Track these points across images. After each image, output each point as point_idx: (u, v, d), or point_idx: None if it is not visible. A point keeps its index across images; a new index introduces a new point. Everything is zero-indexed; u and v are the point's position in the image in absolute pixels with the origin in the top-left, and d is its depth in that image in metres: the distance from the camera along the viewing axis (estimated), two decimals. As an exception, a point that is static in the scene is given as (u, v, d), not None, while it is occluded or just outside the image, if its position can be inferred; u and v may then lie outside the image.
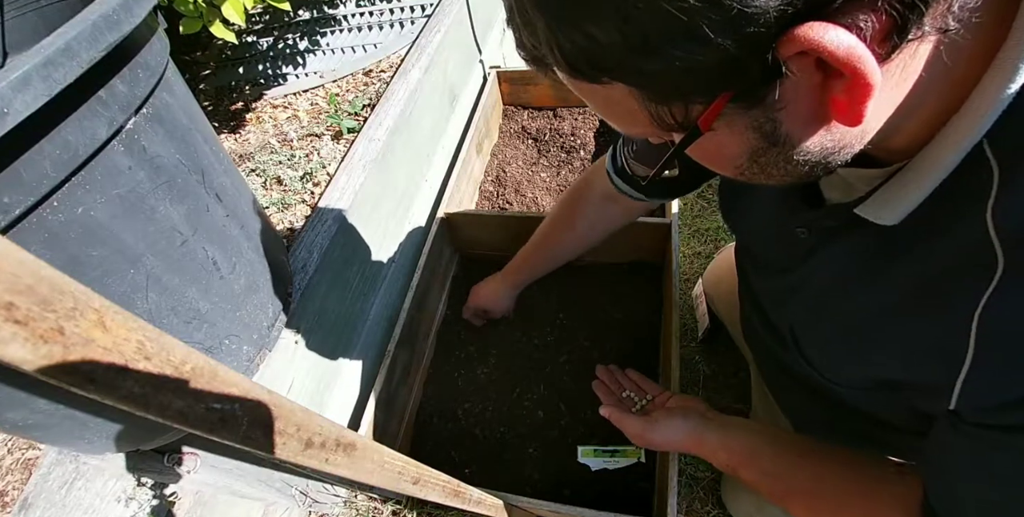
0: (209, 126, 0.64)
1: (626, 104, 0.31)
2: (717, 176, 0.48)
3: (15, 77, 0.35)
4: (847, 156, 0.32)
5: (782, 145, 0.30)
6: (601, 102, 0.33)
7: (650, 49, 0.25)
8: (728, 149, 0.32)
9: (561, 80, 0.33)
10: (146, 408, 0.16)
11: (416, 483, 0.43)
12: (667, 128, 0.31)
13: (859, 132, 0.30)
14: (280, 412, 0.24)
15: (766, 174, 0.34)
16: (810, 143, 0.30)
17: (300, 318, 0.81)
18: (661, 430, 0.65)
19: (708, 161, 0.36)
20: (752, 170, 0.34)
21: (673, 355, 0.86)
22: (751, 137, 0.30)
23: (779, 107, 0.28)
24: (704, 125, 0.29)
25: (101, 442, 0.61)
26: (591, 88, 0.31)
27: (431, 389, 1.05)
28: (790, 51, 0.24)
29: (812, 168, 0.32)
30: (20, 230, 0.40)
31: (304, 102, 1.31)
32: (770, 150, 0.31)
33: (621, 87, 0.29)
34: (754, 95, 0.27)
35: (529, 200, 1.31)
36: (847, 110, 0.27)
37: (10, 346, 0.12)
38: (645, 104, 0.30)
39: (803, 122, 0.29)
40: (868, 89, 0.25)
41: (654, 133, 0.33)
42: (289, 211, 1.04)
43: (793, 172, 0.33)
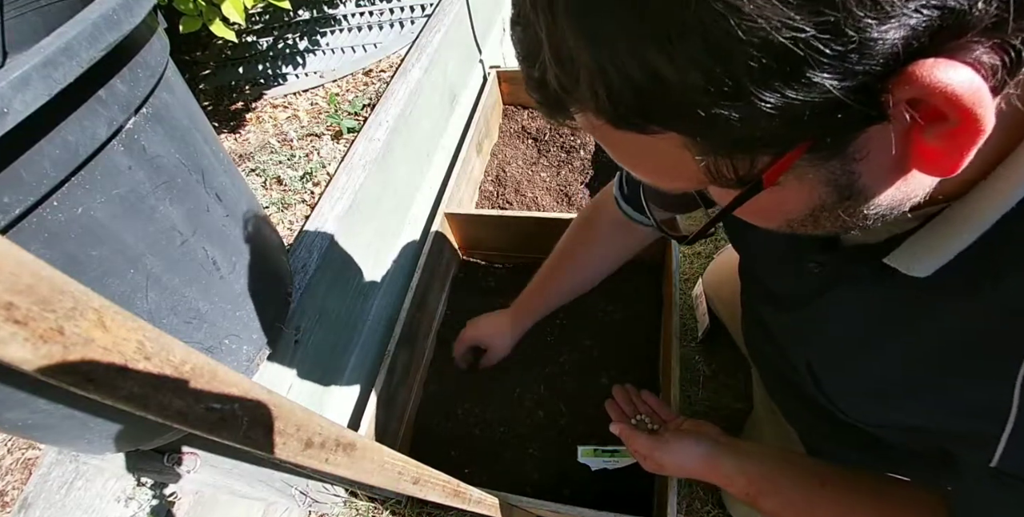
0: (209, 126, 0.64)
1: (673, 156, 0.26)
2: None
3: (15, 77, 0.35)
4: (908, 207, 0.28)
5: (854, 199, 0.26)
6: (637, 153, 0.28)
7: (739, 93, 0.21)
8: (789, 205, 0.28)
9: (577, 127, 0.29)
10: (146, 408, 0.16)
11: (416, 483, 0.43)
12: (721, 183, 0.26)
13: (931, 181, 0.26)
14: (280, 412, 0.24)
15: (814, 226, 0.30)
16: (884, 196, 0.26)
17: (300, 318, 0.81)
18: (672, 452, 0.62)
19: (756, 216, 0.31)
20: (804, 224, 0.30)
21: (673, 355, 0.86)
22: (822, 192, 0.26)
23: (860, 157, 0.24)
24: (770, 180, 0.25)
25: (101, 442, 0.61)
26: (631, 138, 0.26)
27: (431, 389, 1.05)
28: (905, 94, 0.20)
29: (873, 220, 0.28)
30: (20, 230, 0.40)
31: (304, 102, 1.31)
32: (838, 206, 0.27)
33: (674, 137, 0.24)
34: (836, 145, 0.23)
35: (529, 200, 1.31)
36: (942, 159, 0.23)
37: (10, 346, 0.12)
38: (701, 156, 0.25)
39: (882, 173, 0.25)
40: (978, 135, 0.21)
41: (696, 187, 0.29)
42: (289, 211, 1.04)
43: (847, 225, 0.29)
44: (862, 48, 0.19)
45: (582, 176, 1.34)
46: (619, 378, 0.99)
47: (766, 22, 0.19)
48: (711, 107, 0.22)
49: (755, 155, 0.24)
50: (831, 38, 0.19)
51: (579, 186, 1.32)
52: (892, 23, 0.18)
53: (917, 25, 0.19)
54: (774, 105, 0.21)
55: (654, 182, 0.30)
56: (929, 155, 0.23)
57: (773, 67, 0.20)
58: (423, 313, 1.05)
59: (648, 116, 0.24)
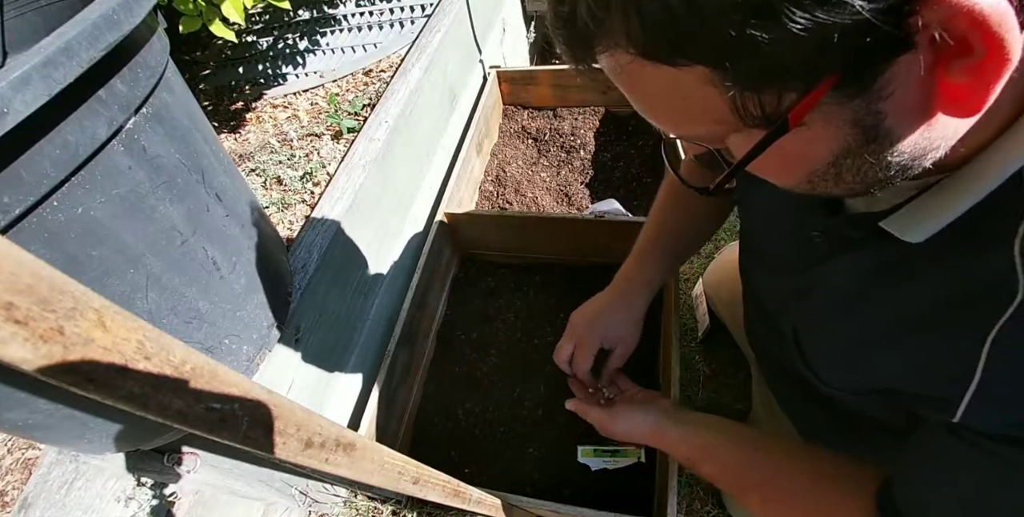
0: (209, 126, 0.64)
1: (699, 94, 0.25)
2: None
3: (15, 77, 0.35)
4: (929, 162, 0.28)
5: (879, 142, 0.26)
6: (662, 93, 0.28)
7: (771, 11, 0.21)
8: (814, 149, 0.27)
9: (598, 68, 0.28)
10: (146, 408, 0.16)
11: (416, 483, 0.43)
12: (748, 121, 0.26)
13: (954, 131, 0.26)
14: (280, 412, 0.24)
15: (838, 180, 0.29)
16: (907, 141, 0.26)
17: (300, 318, 0.81)
18: (622, 421, 0.66)
19: (779, 167, 0.31)
20: (825, 177, 0.29)
21: (673, 355, 0.86)
22: (847, 133, 0.26)
23: (886, 95, 0.23)
24: (796, 118, 0.25)
25: (101, 442, 0.61)
26: (656, 72, 0.25)
27: (431, 389, 1.05)
28: (933, 15, 0.20)
29: (894, 173, 0.28)
30: (20, 230, 0.40)
31: (304, 102, 1.31)
32: (862, 150, 0.26)
33: (701, 71, 0.24)
34: (863, 79, 0.23)
35: (529, 200, 1.31)
36: (967, 96, 0.22)
37: (10, 346, 0.12)
38: (728, 92, 0.25)
39: (907, 114, 0.24)
40: (1004, 65, 0.21)
41: (719, 131, 0.29)
42: (289, 211, 1.04)
43: (868, 180, 0.29)
44: None
45: (582, 176, 1.34)
46: (619, 378, 0.99)
47: None
48: (743, 27, 0.21)
49: (783, 90, 0.24)
50: None
51: (579, 186, 1.32)
52: None
53: None
54: (804, 27, 0.20)
55: (676, 128, 0.30)
56: (955, 93, 0.23)
57: None
58: (423, 313, 1.05)
59: (680, 44, 0.23)
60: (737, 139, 0.29)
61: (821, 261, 0.43)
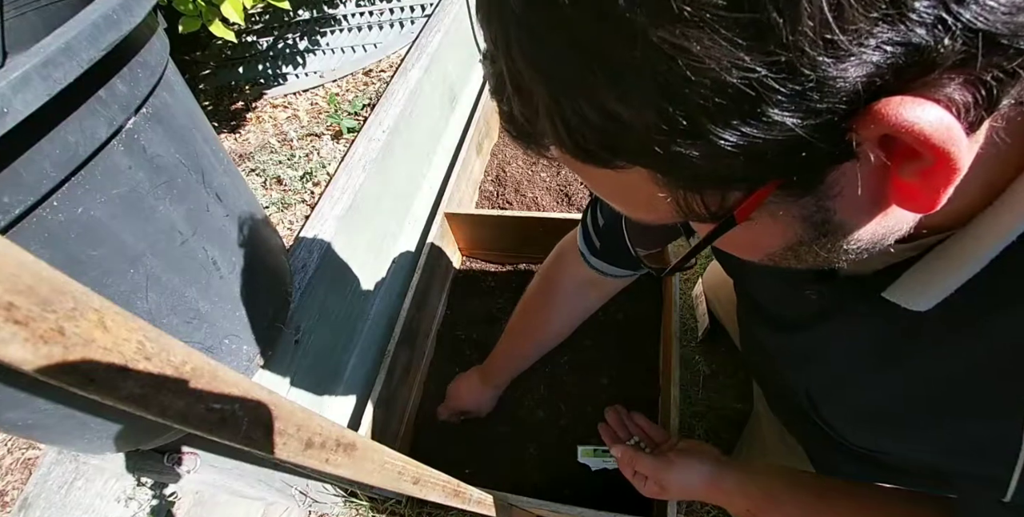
0: (209, 126, 0.64)
1: (644, 190, 0.25)
2: None
3: (15, 77, 0.35)
4: (893, 240, 0.27)
5: (831, 235, 0.26)
6: (609, 187, 0.28)
7: (695, 132, 0.20)
8: (765, 240, 0.27)
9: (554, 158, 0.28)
10: (146, 408, 0.16)
11: (416, 483, 0.43)
12: (694, 218, 0.26)
13: (915, 216, 0.26)
14: (280, 412, 0.24)
15: (799, 260, 0.29)
16: (863, 231, 0.26)
17: (300, 318, 0.81)
18: (677, 470, 0.62)
19: (736, 249, 0.31)
20: (785, 257, 0.29)
21: (673, 355, 0.86)
22: (796, 228, 0.26)
23: (833, 193, 0.23)
24: (741, 216, 0.25)
25: (101, 442, 0.61)
26: (599, 172, 0.26)
27: (431, 388, 1.05)
28: (871, 133, 0.20)
29: (856, 254, 0.28)
30: (20, 230, 0.40)
31: (304, 102, 1.31)
32: (817, 240, 0.26)
33: (641, 172, 0.24)
34: (807, 182, 0.23)
35: (529, 200, 1.31)
36: (919, 196, 0.22)
37: (10, 346, 0.12)
38: (670, 191, 0.25)
39: (859, 209, 0.24)
40: (954, 173, 0.21)
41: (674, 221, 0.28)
42: (289, 211, 1.04)
43: (831, 260, 0.28)
44: (821, 86, 0.18)
45: (582, 176, 1.34)
46: (619, 378, 0.99)
47: (715, 63, 0.18)
48: (669, 145, 0.21)
49: (725, 191, 0.24)
50: (786, 77, 0.18)
51: (579, 186, 1.32)
52: (851, 61, 0.18)
53: (880, 62, 0.18)
54: (734, 143, 0.20)
55: (633, 215, 0.30)
56: (906, 191, 0.23)
57: (729, 106, 0.19)
58: (423, 313, 1.05)
59: (612, 150, 0.23)
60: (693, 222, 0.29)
61: (822, 319, 0.41)
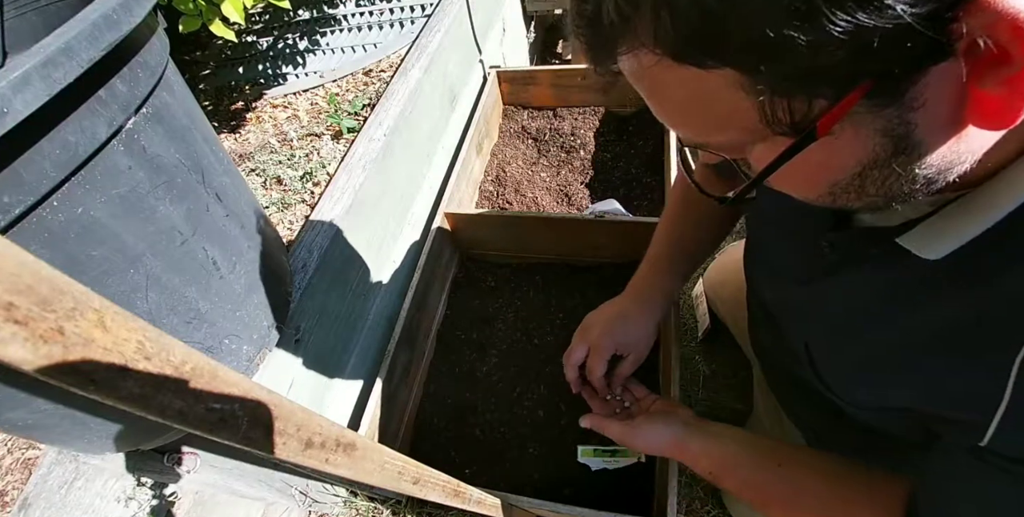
0: (209, 126, 0.64)
1: (725, 99, 0.25)
2: None
3: (15, 77, 0.35)
4: (954, 176, 0.27)
5: (908, 154, 0.25)
6: (687, 97, 0.27)
7: (812, 12, 0.20)
8: (840, 160, 0.27)
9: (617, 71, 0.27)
10: (146, 408, 0.16)
11: (416, 483, 0.43)
12: (775, 128, 0.25)
13: (981, 144, 0.26)
14: (280, 412, 0.24)
15: (861, 193, 0.28)
16: (936, 154, 0.25)
17: (300, 318, 0.81)
18: (643, 435, 0.64)
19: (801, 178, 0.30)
20: (848, 190, 0.28)
21: (673, 355, 0.86)
22: (876, 144, 0.25)
23: (918, 105, 0.23)
24: (825, 127, 0.24)
25: (101, 442, 0.61)
26: (681, 78, 0.25)
27: (431, 389, 1.05)
28: (975, 21, 0.19)
29: (919, 186, 0.27)
30: (20, 230, 0.40)
31: (304, 102, 1.31)
32: (891, 161, 0.26)
33: (730, 74, 0.23)
34: (895, 88, 0.22)
35: (529, 200, 1.31)
36: (1002, 108, 0.22)
37: (10, 346, 0.12)
38: (758, 97, 0.24)
39: (939, 125, 0.24)
40: None
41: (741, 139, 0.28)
42: (289, 211, 1.04)
43: (895, 191, 0.28)
44: None
45: (582, 176, 1.34)
46: (619, 378, 0.99)
47: None
48: (782, 27, 0.20)
49: (813, 97, 0.23)
50: None
51: (579, 186, 1.32)
52: None
53: None
54: (844, 29, 0.20)
55: (697, 135, 0.29)
56: (988, 105, 0.22)
57: None
58: (423, 313, 1.05)
59: (711, 44, 0.23)
60: (760, 149, 0.28)
61: (831, 273, 0.42)
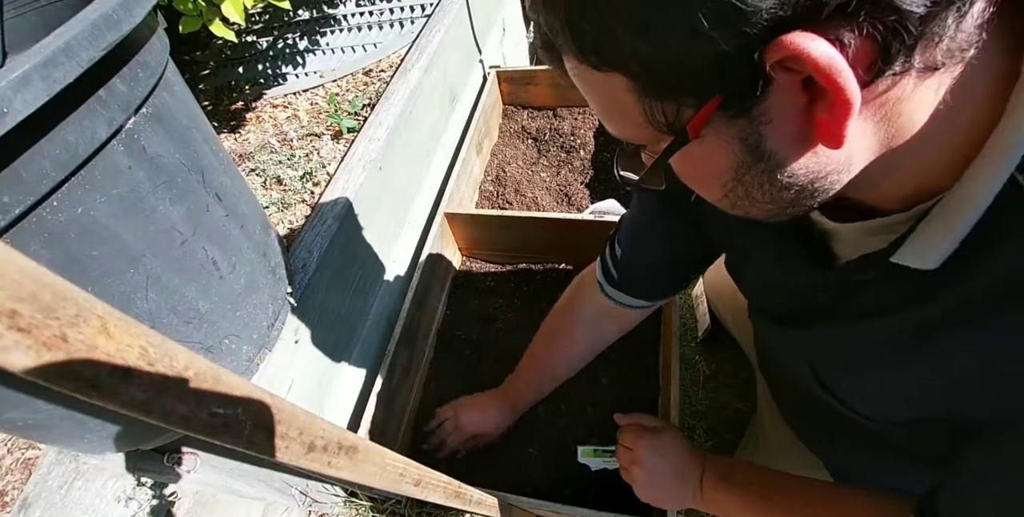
0: (209, 126, 0.64)
1: (623, 100, 0.31)
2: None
3: (15, 77, 0.35)
4: (834, 186, 0.32)
5: (767, 161, 0.30)
6: (600, 97, 0.33)
7: (647, 33, 0.26)
8: (714, 160, 0.32)
9: (568, 74, 0.33)
10: (149, 414, 0.16)
11: (417, 485, 0.43)
12: (658, 127, 0.31)
13: (844, 159, 0.30)
14: (283, 416, 0.24)
15: (751, 199, 0.33)
16: (795, 165, 0.30)
17: (300, 318, 0.81)
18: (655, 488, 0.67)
19: (696, 176, 0.36)
20: (738, 192, 0.34)
21: (673, 355, 0.86)
22: (737, 148, 0.30)
23: (765, 121, 0.28)
24: (693, 130, 0.30)
25: (101, 442, 0.61)
26: (594, 80, 0.31)
27: (431, 389, 1.05)
28: (775, 56, 0.25)
29: (798, 194, 0.32)
30: (20, 230, 0.40)
31: (304, 102, 1.31)
32: (755, 166, 0.31)
33: (620, 80, 0.29)
34: (741, 103, 0.27)
35: (529, 200, 1.31)
36: (829, 130, 0.27)
37: (13, 354, 0.12)
38: (640, 99, 0.30)
39: (788, 141, 0.29)
40: (848, 107, 0.25)
41: (645, 135, 0.33)
42: (289, 211, 1.04)
43: (779, 198, 0.33)
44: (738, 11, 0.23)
45: (582, 176, 1.34)
46: (619, 378, 0.99)
47: None
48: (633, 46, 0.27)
49: (680, 105, 0.29)
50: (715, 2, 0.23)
51: (579, 186, 1.32)
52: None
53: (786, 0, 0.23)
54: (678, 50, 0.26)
55: (616, 129, 0.35)
56: (822, 127, 0.27)
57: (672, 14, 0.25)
58: (423, 313, 1.05)
59: (599, 52, 0.29)
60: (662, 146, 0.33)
61: (831, 312, 0.43)
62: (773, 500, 0.56)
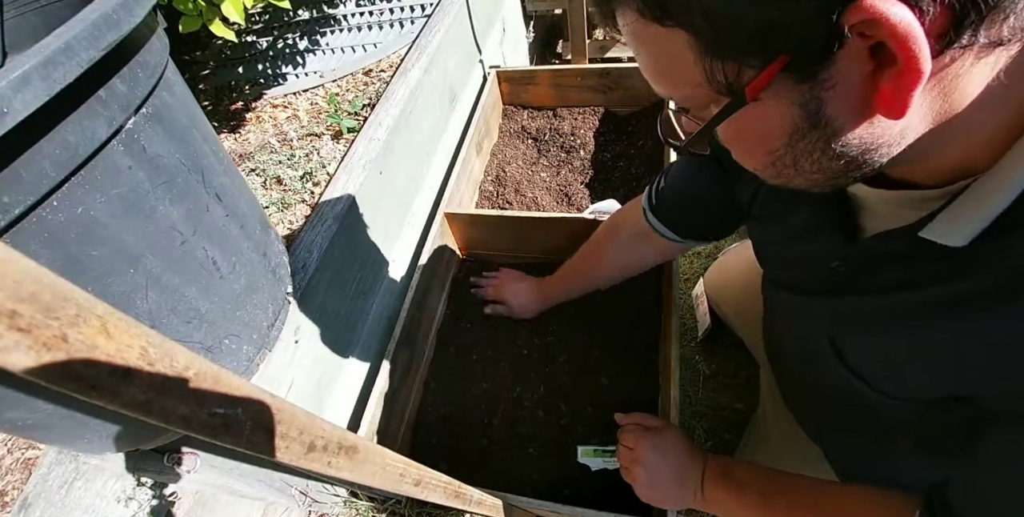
0: (209, 126, 0.64)
1: (681, 58, 0.30)
2: None
3: (15, 77, 0.35)
4: (883, 158, 0.31)
5: (823, 128, 0.30)
6: (656, 55, 0.33)
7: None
8: (769, 124, 0.32)
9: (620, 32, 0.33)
10: (149, 414, 0.16)
11: (417, 485, 0.43)
12: (717, 88, 0.31)
13: (898, 132, 0.30)
14: (283, 416, 0.24)
15: (798, 168, 0.33)
16: (851, 134, 0.30)
17: (300, 318, 0.81)
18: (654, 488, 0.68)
19: (742, 141, 0.35)
20: (785, 160, 0.33)
21: (673, 355, 0.86)
22: (795, 113, 0.30)
23: (828, 86, 0.28)
24: (752, 92, 0.29)
25: (101, 442, 0.61)
26: (652, 36, 0.31)
27: (431, 389, 1.05)
28: (856, 17, 0.24)
29: (847, 165, 0.32)
30: (20, 230, 0.40)
31: (304, 102, 1.31)
32: (810, 132, 0.30)
33: (682, 36, 0.29)
34: (808, 67, 0.27)
35: (529, 200, 1.31)
36: (892, 100, 0.27)
37: (13, 354, 0.12)
38: (701, 57, 0.29)
39: (849, 109, 0.29)
40: (918, 76, 0.25)
41: (695, 97, 0.33)
42: (289, 211, 1.04)
43: (827, 168, 0.32)
44: None
45: (582, 176, 1.34)
46: (619, 378, 0.99)
47: None
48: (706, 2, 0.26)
49: (742, 64, 0.29)
50: None
51: (579, 186, 1.32)
52: None
53: None
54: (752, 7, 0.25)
55: (667, 89, 0.34)
56: (883, 96, 0.27)
57: None
58: (423, 313, 1.05)
59: (667, 6, 0.28)
60: (712, 109, 0.33)
61: (851, 283, 0.44)
62: (774, 499, 0.56)
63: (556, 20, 2.14)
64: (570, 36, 1.51)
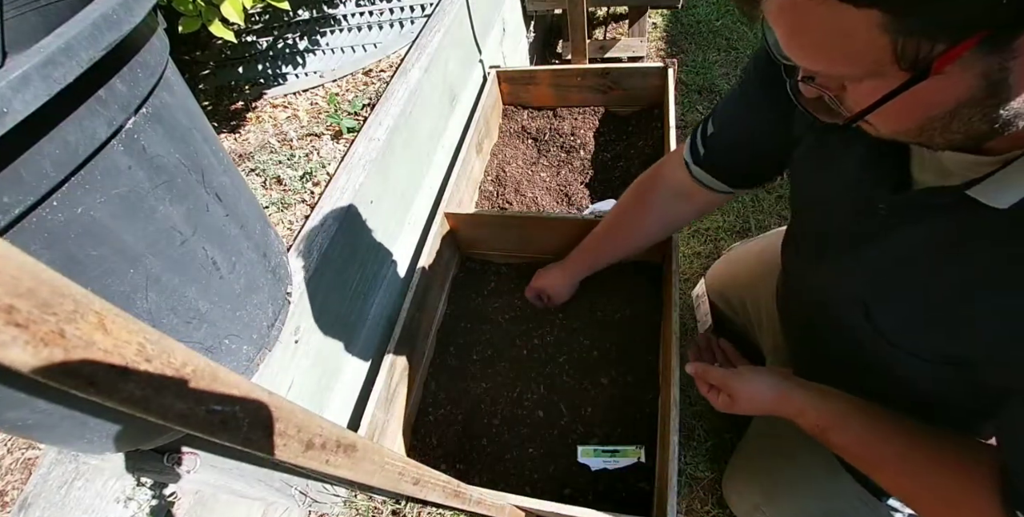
0: (209, 126, 0.64)
1: (863, 35, 0.30)
2: None
3: (15, 77, 0.35)
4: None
5: (999, 96, 0.30)
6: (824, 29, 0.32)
7: None
8: (943, 97, 0.31)
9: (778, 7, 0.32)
10: (147, 410, 0.16)
11: (416, 484, 0.43)
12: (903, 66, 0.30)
13: None
14: (281, 413, 0.24)
15: (946, 130, 0.33)
16: (1016, 101, 0.30)
17: (300, 318, 0.81)
18: (747, 381, 0.64)
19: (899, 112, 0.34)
20: (935, 124, 0.33)
21: (673, 355, 0.86)
22: (976, 85, 0.30)
23: (1016, 54, 0.28)
24: (940, 66, 0.29)
25: (101, 442, 0.61)
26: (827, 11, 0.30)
27: (431, 389, 1.05)
28: None
29: (992, 129, 0.32)
30: (20, 230, 0.40)
31: (304, 102, 1.31)
32: (985, 101, 0.30)
33: (875, 15, 0.28)
34: (1007, 37, 0.27)
35: (529, 200, 1.31)
36: None
37: (11, 349, 0.12)
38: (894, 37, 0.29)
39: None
40: None
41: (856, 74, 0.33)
42: (289, 211, 1.04)
43: (974, 131, 0.32)
44: None
45: (582, 176, 1.34)
46: (619, 378, 0.99)
47: None
48: None
49: (936, 40, 0.28)
50: None
51: (579, 186, 1.32)
52: None
53: None
54: None
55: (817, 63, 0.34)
56: None
57: None
58: (423, 313, 1.05)
59: None
60: (868, 84, 0.33)
61: (889, 232, 0.45)
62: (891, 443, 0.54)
63: (556, 20, 2.14)
64: (570, 36, 1.51)
